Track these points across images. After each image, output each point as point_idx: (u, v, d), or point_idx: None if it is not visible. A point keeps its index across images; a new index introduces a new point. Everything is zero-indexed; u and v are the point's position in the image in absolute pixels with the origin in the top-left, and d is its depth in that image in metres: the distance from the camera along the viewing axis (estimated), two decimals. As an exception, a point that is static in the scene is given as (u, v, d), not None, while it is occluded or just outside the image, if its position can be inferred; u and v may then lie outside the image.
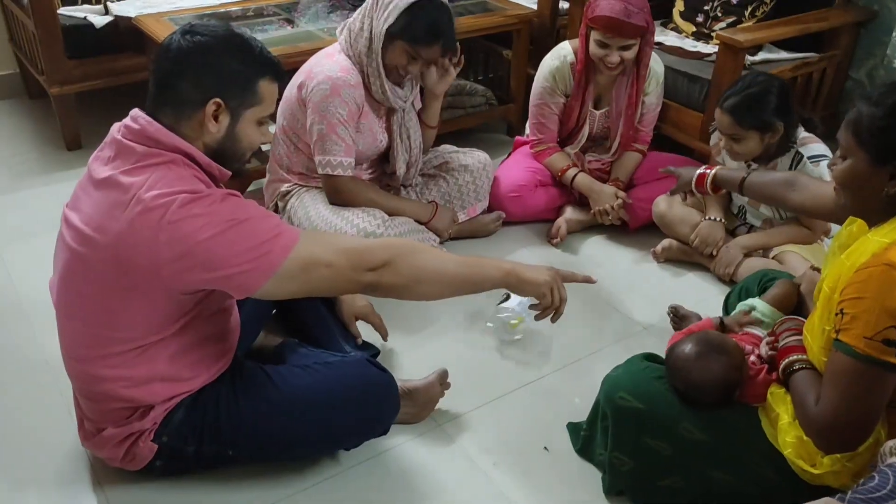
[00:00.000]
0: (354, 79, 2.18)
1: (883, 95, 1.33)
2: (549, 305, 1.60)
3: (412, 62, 2.20)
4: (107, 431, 1.56)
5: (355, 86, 2.18)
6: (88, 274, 1.41)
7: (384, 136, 2.36)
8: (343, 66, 2.19)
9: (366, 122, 2.28)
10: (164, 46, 1.41)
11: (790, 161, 2.28)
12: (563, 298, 1.61)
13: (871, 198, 1.36)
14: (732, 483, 1.53)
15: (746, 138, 2.22)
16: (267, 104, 1.47)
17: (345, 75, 2.17)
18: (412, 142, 2.42)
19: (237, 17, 3.03)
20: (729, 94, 2.23)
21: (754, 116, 2.18)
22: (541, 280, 1.58)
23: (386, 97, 2.25)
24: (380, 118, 2.33)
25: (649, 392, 1.60)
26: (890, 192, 1.33)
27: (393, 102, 2.27)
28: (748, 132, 2.21)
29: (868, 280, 1.27)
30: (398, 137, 2.37)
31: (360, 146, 2.30)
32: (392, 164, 2.43)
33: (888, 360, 1.27)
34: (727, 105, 2.21)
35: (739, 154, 2.28)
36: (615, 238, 2.68)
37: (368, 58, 2.19)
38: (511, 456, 1.79)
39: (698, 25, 3.04)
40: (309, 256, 1.40)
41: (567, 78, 2.60)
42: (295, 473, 1.70)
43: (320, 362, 1.69)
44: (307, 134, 2.24)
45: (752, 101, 2.18)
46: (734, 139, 2.24)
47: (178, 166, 1.38)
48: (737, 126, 2.21)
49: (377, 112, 2.32)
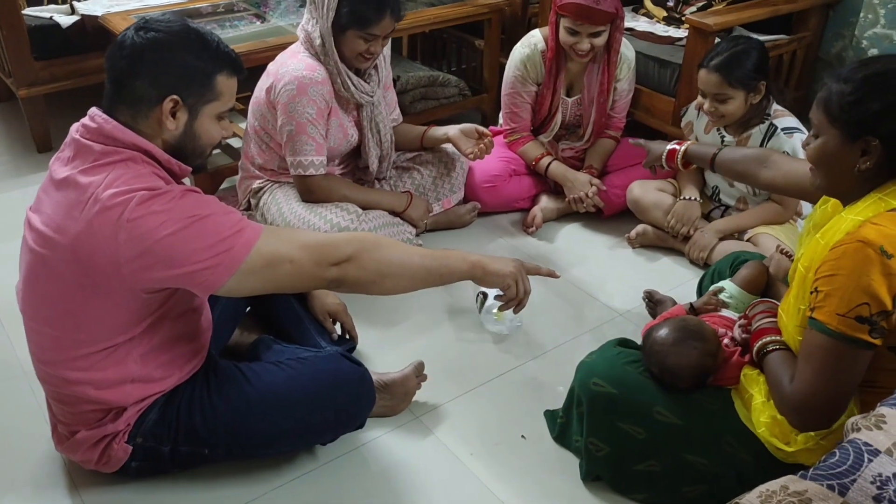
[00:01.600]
0: (321, 75, 2.17)
1: (852, 71, 1.34)
2: (513, 297, 1.63)
3: (370, 43, 2.16)
4: (80, 434, 1.55)
5: (322, 82, 2.16)
6: (51, 276, 1.39)
7: (355, 132, 2.35)
8: (308, 63, 2.17)
9: (336, 119, 2.26)
10: (117, 43, 1.39)
11: (764, 133, 2.30)
12: (527, 290, 1.64)
13: (844, 175, 1.37)
14: (707, 465, 1.55)
15: (733, 98, 2.23)
16: (225, 99, 1.45)
17: (311, 73, 2.15)
18: (382, 136, 2.40)
19: (207, 13, 3.00)
20: (712, 55, 2.25)
21: (742, 72, 2.20)
22: (506, 272, 1.60)
23: (351, 93, 2.23)
24: (349, 114, 2.32)
25: (623, 377, 1.61)
26: (861, 167, 1.34)
27: (359, 98, 2.26)
28: (735, 91, 2.22)
29: (842, 257, 1.28)
30: (369, 132, 2.36)
31: (332, 143, 2.28)
32: (364, 159, 2.42)
33: (861, 336, 1.28)
34: (714, 64, 2.22)
35: (724, 117, 2.28)
36: (590, 225, 2.69)
37: (325, 57, 2.17)
38: (489, 445, 1.80)
39: (669, 10, 3.05)
40: (271, 252, 1.39)
41: (538, 66, 2.60)
42: (272, 470, 1.70)
43: (294, 358, 1.68)
44: (278, 134, 2.23)
45: (738, 58, 2.20)
46: (720, 100, 2.25)
47: (137, 164, 1.36)
48: (724, 84, 2.21)
49: (346, 108, 2.30)
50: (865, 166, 1.33)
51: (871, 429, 1.00)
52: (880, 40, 2.76)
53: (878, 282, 1.25)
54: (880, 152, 1.32)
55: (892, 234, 1.27)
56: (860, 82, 1.32)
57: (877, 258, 1.25)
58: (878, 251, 1.25)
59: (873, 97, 1.31)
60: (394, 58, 3.38)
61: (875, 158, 1.32)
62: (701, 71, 2.26)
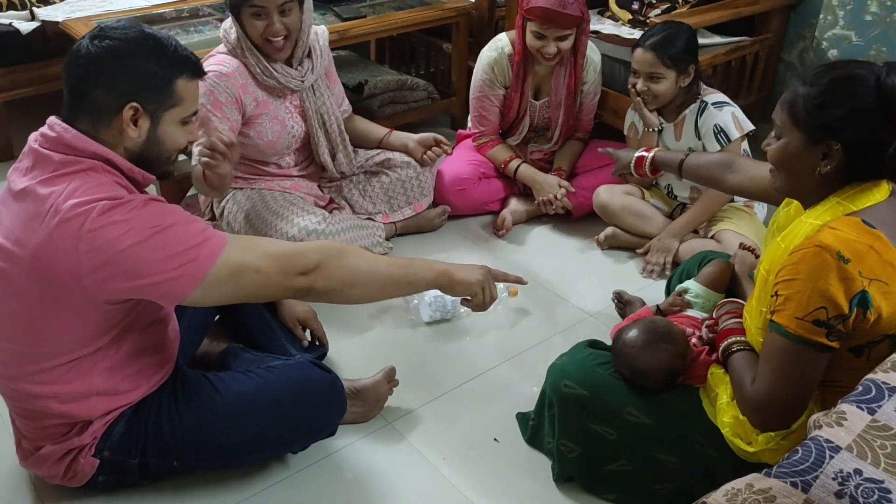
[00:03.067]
0: (228, 68, 2.16)
1: (817, 75, 1.35)
2: (479, 304, 1.65)
3: (266, 18, 2.11)
4: (45, 449, 1.52)
5: (229, 75, 2.15)
6: (11, 289, 1.37)
7: (297, 122, 2.33)
8: (218, 58, 2.18)
9: (267, 112, 2.24)
10: (73, 53, 1.36)
11: (696, 110, 2.40)
12: (493, 297, 1.66)
13: (805, 178, 1.39)
14: (677, 463, 1.56)
15: (665, 77, 2.34)
16: (188, 103, 1.43)
17: (217, 66, 2.15)
18: (328, 126, 2.38)
19: (171, 18, 2.96)
20: (646, 36, 2.38)
21: (675, 52, 2.31)
22: (472, 280, 1.62)
23: (275, 79, 2.21)
24: (286, 103, 2.30)
25: (593, 379, 1.62)
26: (822, 171, 1.35)
27: (286, 83, 2.24)
28: (668, 70, 2.33)
29: (800, 262, 1.30)
30: (315, 122, 2.34)
31: (270, 136, 2.27)
32: (316, 155, 2.40)
33: (818, 339, 1.29)
34: (649, 44, 2.34)
35: (657, 98, 2.38)
36: (559, 227, 2.70)
37: (240, 47, 2.17)
38: (461, 449, 1.80)
39: (634, 13, 3.08)
40: (237, 262, 1.37)
41: (506, 69, 2.61)
42: (243, 479, 1.68)
43: (263, 366, 1.67)
44: None
45: (671, 39, 2.33)
46: (653, 78, 2.35)
47: (98, 173, 1.34)
48: (658, 62, 2.32)
49: (281, 97, 2.28)
50: (826, 170, 1.35)
51: (833, 426, 1.02)
52: (840, 41, 2.81)
53: (835, 286, 1.27)
54: (841, 156, 1.33)
55: (849, 239, 1.28)
56: (825, 86, 1.33)
57: (834, 263, 1.26)
58: (836, 256, 1.26)
59: (837, 101, 1.32)
60: (361, 62, 3.38)
61: (836, 162, 1.34)
62: (637, 50, 2.38)
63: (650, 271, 2.44)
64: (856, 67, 1.35)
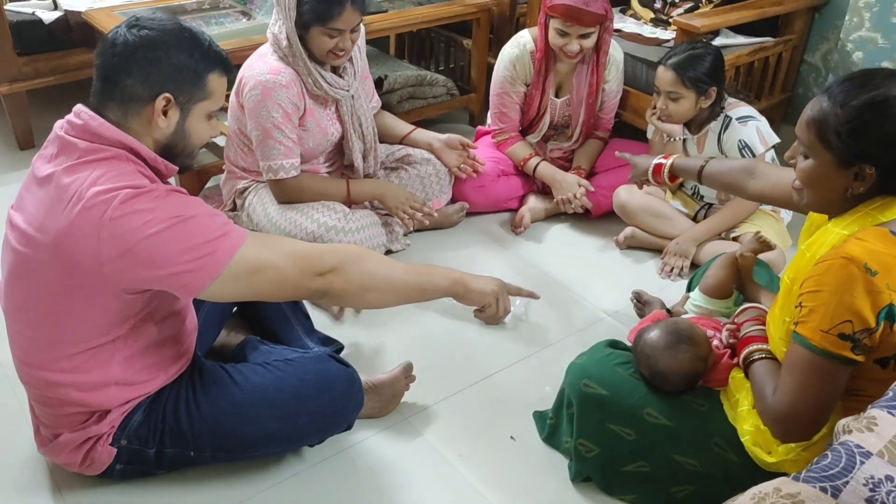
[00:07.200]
0: (286, 78, 2.13)
1: (847, 94, 1.28)
2: (492, 315, 1.67)
3: (336, 39, 2.11)
4: (63, 437, 1.52)
5: (287, 85, 2.12)
6: (33, 275, 1.37)
7: (336, 127, 2.32)
8: (273, 66, 2.13)
9: (312, 120, 2.24)
10: (109, 41, 1.37)
11: (720, 125, 2.36)
12: (506, 310, 1.69)
13: (834, 196, 1.35)
14: (696, 466, 1.55)
15: (684, 98, 2.31)
16: (216, 98, 1.44)
17: (274, 76, 2.11)
18: (364, 129, 2.38)
19: (192, 10, 2.97)
20: (671, 54, 2.34)
21: (696, 74, 2.27)
22: (487, 290, 1.65)
23: (325, 91, 2.21)
24: (327, 110, 2.29)
25: (613, 379, 1.60)
26: (854, 192, 1.32)
27: (334, 94, 2.23)
28: (688, 91, 2.29)
29: (826, 273, 1.26)
30: (350, 127, 2.33)
31: (311, 144, 2.26)
32: (348, 156, 2.40)
33: (843, 353, 1.27)
34: (671, 62, 2.30)
35: (673, 116, 2.35)
36: (578, 226, 2.68)
37: (294, 59, 2.14)
38: (478, 446, 1.79)
39: (656, 12, 3.06)
40: (256, 258, 1.37)
41: (527, 66, 2.60)
42: (259, 472, 1.68)
43: (281, 359, 1.66)
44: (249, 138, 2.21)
45: (694, 60, 2.29)
46: (672, 98, 2.32)
47: (122, 162, 1.34)
48: (678, 83, 2.29)
49: (324, 105, 2.27)
50: (858, 191, 1.32)
51: (863, 431, 1.00)
52: (865, 43, 2.78)
53: (861, 300, 1.24)
54: (875, 178, 1.29)
55: (876, 251, 1.24)
56: (859, 110, 1.27)
57: (861, 276, 1.23)
58: (863, 268, 1.23)
59: (873, 127, 1.26)
60: (381, 57, 3.38)
61: (868, 184, 1.30)
62: (659, 68, 2.35)
63: (667, 273, 2.42)
64: (890, 87, 1.26)
